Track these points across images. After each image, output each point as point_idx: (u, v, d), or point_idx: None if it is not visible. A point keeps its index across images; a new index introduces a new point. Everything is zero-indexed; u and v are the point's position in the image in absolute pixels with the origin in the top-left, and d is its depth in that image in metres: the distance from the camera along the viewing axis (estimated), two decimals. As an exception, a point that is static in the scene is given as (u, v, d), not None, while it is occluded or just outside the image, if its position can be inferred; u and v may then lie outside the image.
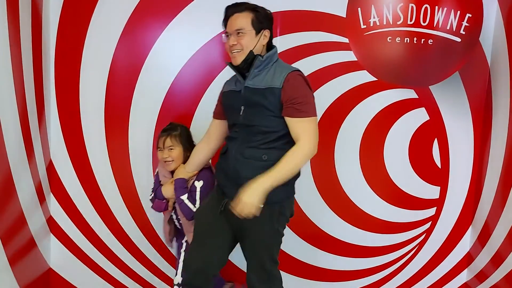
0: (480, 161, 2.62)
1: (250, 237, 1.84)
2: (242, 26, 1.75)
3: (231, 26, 1.77)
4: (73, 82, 2.40)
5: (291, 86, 1.72)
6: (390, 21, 2.46)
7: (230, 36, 1.78)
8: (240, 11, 1.77)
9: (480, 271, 2.59)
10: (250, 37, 1.76)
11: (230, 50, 1.78)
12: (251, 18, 1.76)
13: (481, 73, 2.56)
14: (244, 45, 1.75)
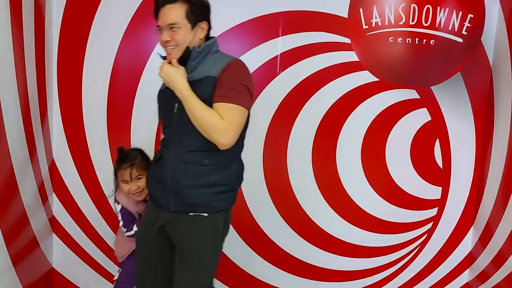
0: (482, 162, 2.62)
1: (184, 253, 1.63)
2: (176, 20, 1.55)
3: (164, 20, 1.57)
4: (76, 82, 2.40)
5: (227, 74, 1.54)
6: (392, 21, 2.47)
7: (163, 30, 1.58)
8: (172, 2, 1.56)
9: (481, 271, 2.59)
10: (185, 31, 1.57)
11: (164, 46, 1.61)
12: (185, 10, 1.56)
13: (483, 73, 2.56)
14: (179, 41, 1.57)
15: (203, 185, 1.58)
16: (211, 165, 1.57)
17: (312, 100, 2.49)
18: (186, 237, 1.63)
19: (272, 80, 2.46)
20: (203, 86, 1.55)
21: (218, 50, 1.69)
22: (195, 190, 1.58)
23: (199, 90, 1.54)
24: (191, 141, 1.57)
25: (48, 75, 2.34)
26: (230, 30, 2.41)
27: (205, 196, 1.59)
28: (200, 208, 1.60)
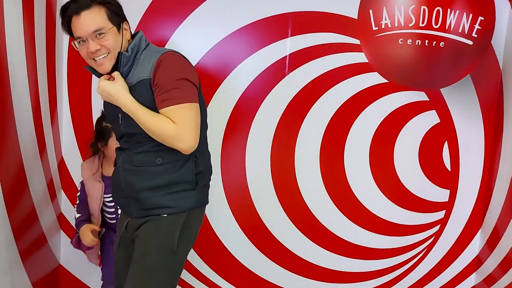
0: (490, 165, 2.61)
1: (134, 254, 1.53)
2: (100, 25, 1.41)
3: (85, 29, 1.40)
4: (86, 81, 2.41)
5: (161, 73, 1.43)
6: (401, 23, 2.46)
7: (87, 40, 1.43)
8: (88, 7, 1.40)
9: (488, 275, 2.58)
10: (113, 35, 1.45)
11: (92, 57, 1.45)
12: (106, 13, 1.43)
13: (493, 76, 2.54)
14: (111, 47, 1.45)
15: (158, 186, 1.49)
16: (165, 164, 1.49)
17: (320, 101, 2.49)
18: (138, 236, 1.53)
19: (280, 80, 2.46)
20: (139, 92, 1.45)
21: (148, 45, 1.56)
22: (150, 192, 1.50)
23: (137, 96, 1.44)
24: (140, 141, 1.49)
25: (58, 73, 2.36)
26: (239, 30, 2.42)
27: (162, 198, 1.50)
28: (159, 210, 1.51)
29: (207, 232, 2.56)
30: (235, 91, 2.46)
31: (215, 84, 2.46)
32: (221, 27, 2.41)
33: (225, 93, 2.46)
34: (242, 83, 2.46)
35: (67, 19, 1.44)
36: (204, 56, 2.43)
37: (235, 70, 2.43)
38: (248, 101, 2.47)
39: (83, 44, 1.44)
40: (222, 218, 2.57)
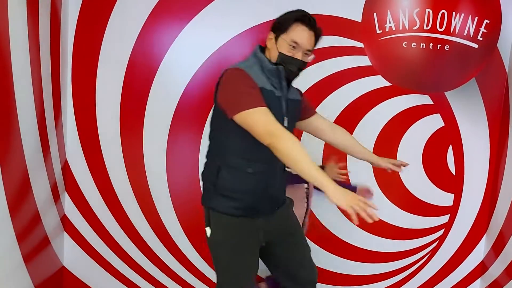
0: (496, 169, 2.58)
1: (297, 232, 1.91)
2: (312, 48, 1.67)
3: (305, 42, 1.62)
4: (90, 83, 2.43)
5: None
6: (406, 26, 2.45)
7: (298, 48, 1.61)
8: (316, 31, 1.66)
9: (494, 280, 2.55)
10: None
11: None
12: (316, 41, 1.70)
13: (499, 79, 2.53)
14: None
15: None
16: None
17: (323, 105, 2.49)
18: (292, 218, 1.88)
19: (284, 83, 2.45)
20: (299, 109, 1.81)
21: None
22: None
23: (297, 113, 1.81)
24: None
25: (62, 75, 2.37)
26: (243, 33, 2.42)
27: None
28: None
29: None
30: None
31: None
32: (225, 30, 2.41)
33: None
34: (246, 86, 2.45)
35: (296, 20, 1.62)
36: (208, 58, 2.43)
37: (239, 73, 2.43)
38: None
39: (296, 48, 1.62)
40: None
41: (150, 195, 2.53)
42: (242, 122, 1.51)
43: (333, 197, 1.36)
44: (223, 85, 1.59)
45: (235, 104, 1.52)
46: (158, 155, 2.50)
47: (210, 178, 1.68)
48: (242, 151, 1.62)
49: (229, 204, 1.64)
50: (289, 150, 1.41)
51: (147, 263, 2.60)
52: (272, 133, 1.44)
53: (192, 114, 2.48)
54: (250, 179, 1.63)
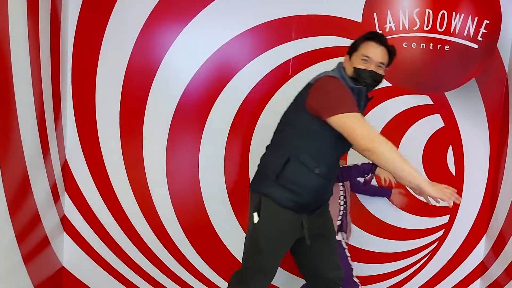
0: (495, 169, 2.58)
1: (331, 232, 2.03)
2: (385, 61, 1.79)
3: (378, 56, 1.76)
4: (90, 83, 2.42)
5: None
6: (406, 26, 2.45)
7: (370, 62, 1.75)
8: (388, 47, 1.80)
9: (494, 281, 2.55)
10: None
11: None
12: (389, 57, 1.83)
13: (499, 80, 2.53)
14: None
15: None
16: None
17: (324, 105, 2.48)
18: (327, 218, 1.98)
19: (284, 83, 2.45)
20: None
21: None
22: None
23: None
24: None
25: (62, 75, 2.36)
26: (243, 33, 2.42)
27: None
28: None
29: (208, 231, 2.56)
30: (239, 94, 2.46)
31: (219, 87, 2.46)
32: (225, 30, 2.41)
33: (229, 95, 2.46)
34: (246, 86, 2.46)
35: (366, 39, 1.79)
36: (208, 59, 2.43)
37: (239, 73, 2.43)
38: (252, 104, 2.47)
39: (368, 61, 1.75)
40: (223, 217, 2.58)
41: (150, 196, 2.53)
42: (339, 124, 1.62)
43: (430, 190, 1.56)
44: (320, 88, 1.69)
45: (334, 107, 1.62)
46: (158, 155, 2.50)
47: (274, 167, 1.75)
48: (315, 152, 1.73)
49: (287, 196, 1.73)
50: (391, 153, 1.59)
51: (147, 264, 2.59)
52: (373, 138, 1.60)
53: (192, 115, 2.47)
54: (314, 179, 1.74)
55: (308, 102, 1.71)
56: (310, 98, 1.70)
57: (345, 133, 1.63)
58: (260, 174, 1.84)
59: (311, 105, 1.69)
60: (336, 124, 1.63)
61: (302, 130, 1.74)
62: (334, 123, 1.63)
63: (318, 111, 1.67)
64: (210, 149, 2.51)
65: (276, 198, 1.75)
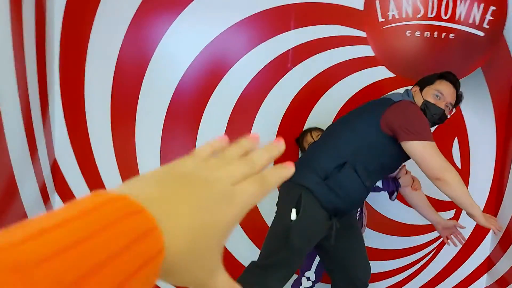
0: (502, 162, 2.51)
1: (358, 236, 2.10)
2: (453, 102, 1.90)
3: (448, 95, 1.86)
4: (78, 78, 2.31)
5: None
6: (409, 14, 2.35)
7: (442, 98, 1.84)
8: (456, 88, 1.91)
9: (501, 277, 2.49)
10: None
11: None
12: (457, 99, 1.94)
13: (505, 69, 2.44)
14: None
15: None
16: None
17: (325, 97, 2.39)
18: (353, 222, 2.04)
19: (283, 75, 2.35)
20: None
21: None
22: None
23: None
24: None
25: (49, 71, 2.24)
26: (240, 23, 2.30)
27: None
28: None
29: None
30: (236, 86, 2.36)
31: (216, 79, 2.35)
32: (220, 20, 2.30)
33: (226, 88, 2.35)
34: (244, 77, 2.35)
35: (440, 76, 1.89)
36: (204, 49, 2.32)
37: (237, 65, 2.33)
38: (250, 96, 2.37)
39: (440, 97, 1.84)
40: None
41: (144, 195, 2.43)
42: (417, 149, 1.68)
43: (482, 221, 1.74)
44: (403, 110, 1.73)
45: (417, 132, 1.67)
46: (152, 153, 2.40)
47: (326, 167, 1.75)
48: (371, 166, 1.77)
49: (331, 199, 1.74)
50: (460, 185, 1.72)
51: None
52: (446, 169, 1.70)
53: (187, 110, 2.37)
54: (361, 190, 1.78)
55: (385, 119, 1.73)
56: (390, 116, 1.73)
57: (420, 160, 1.70)
58: (305, 167, 1.78)
59: (389, 123, 1.72)
60: (414, 149, 1.68)
61: (366, 142, 1.76)
62: (412, 148, 1.68)
63: (396, 131, 1.70)
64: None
65: (320, 197, 1.73)
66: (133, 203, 0.28)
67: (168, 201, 0.31)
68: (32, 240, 0.22)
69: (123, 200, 0.27)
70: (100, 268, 0.23)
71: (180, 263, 0.30)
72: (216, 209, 0.33)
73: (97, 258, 0.23)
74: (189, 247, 0.30)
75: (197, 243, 0.31)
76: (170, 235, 0.29)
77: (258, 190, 0.36)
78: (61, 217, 0.24)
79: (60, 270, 0.22)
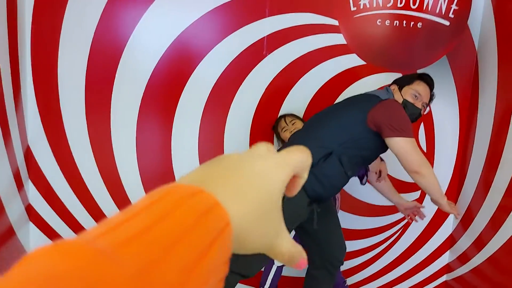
0: (465, 146, 2.65)
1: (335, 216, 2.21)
2: (427, 102, 2.04)
3: (425, 96, 2.00)
4: (51, 65, 2.26)
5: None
6: (380, 3, 2.42)
7: (419, 98, 1.98)
8: (432, 89, 2.07)
9: (462, 253, 2.64)
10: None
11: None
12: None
13: (469, 57, 2.56)
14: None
15: None
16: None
17: (299, 83, 2.44)
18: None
19: (259, 62, 2.38)
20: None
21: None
22: None
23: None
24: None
25: (21, 55, 2.19)
26: (215, 9, 2.31)
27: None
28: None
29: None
30: (212, 74, 2.38)
31: (191, 67, 2.36)
32: (195, 6, 2.30)
33: (202, 75, 2.37)
34: (220, 65, 2.37)
35: (419, 77, 2.02)
36: (178, 37, 2.32)
37: (211, 52, 2.34)
38: (226, 83, 2.39)
39: (418, 98, 1.97)
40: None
41: (120, 181, 2.43)
42: (400, 145, 1.78)
43: (447, 209, 1.93)
44: (389, 108, 1.84)
45: (401, 129, 1.78)
46: (127, 139, 2.39)
47: (313, 156, 1.73)
48: (355, 158, 1.86)
49: (314, 187, 1.82)
50: (433, 178, 1.85)
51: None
52: (423, 164, 1.81)
53: (162, 97, 2.38)
54: (343, 179, 1.89)
55: (372, 115, 1.83)
56: (376, 113, 1.83)
57: (401, 155, 1.80)
58: None
59: (375, 119, 1.82)
60: (397, 145, 1.79)
61: (352, 135, 1.84)
62: (396, 144, 1.79)
63: (381, 128, 1.80)
64: (183, 133, 2.42)
65: (305, 184, 1.76)
66: (190, 187, 0.30)
67: (222, 176, 0.33)
68: (111, 231, 0.25)
69: (182, 187, 0.29)
70: (176, 244, 0.25)
71: (248, 230, 0.32)
72: (272, 172, 0.35)
73: (172, 236, 0.25)
74: (254, 213, 0.32)
75: (261, 208, 0.33)
76: (234, 208, 0.30)
77: (305, 156, 0.39)
78: (131, 212, 0.27)
79: (141, 249, 0.24)
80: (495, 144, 2.35)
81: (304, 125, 2.05)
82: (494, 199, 2.34)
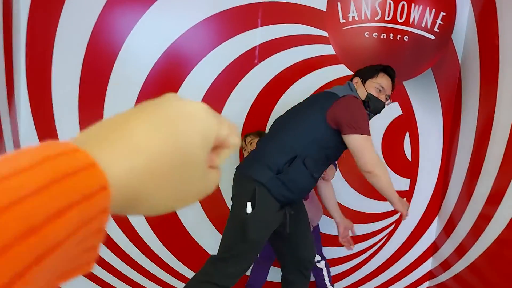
0: (448, 155, 2.73)
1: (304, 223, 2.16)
2: (389, 94, 2.03)
3: (387, 88, 2.00)
4: (45, 68, 2.29)
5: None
6: (368, 16, 2.50)
7: (383, 92, 1.99)
8: (393, 80, 2.05)
9: (444, 260, 2.72)
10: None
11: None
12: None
13: (452, 70, 2.65)
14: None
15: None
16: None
17: (289, 92, 2.50)
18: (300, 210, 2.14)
19: (250, 70, 2.44)
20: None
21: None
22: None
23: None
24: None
25: (15, 57, 2.22)
26: (209, 18, 2.37)
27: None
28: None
29: (174, 222, 2.54)
30: (204, 81, 2.43)
31: (184, 74, 2.41)
32: (189, 15, 2.36)
33: (194, 83, 2.42)
34: (212, 73, 2.43)
35: (382, 70, 2.01)
36: (172, 44, 2.37)
37: (204, 60, 2.39)
38: (217, 91, 2.45)
39: (382, 91, 1.98)
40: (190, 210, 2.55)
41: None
42: (357, 142, 1.79)
43: (399, 207, 1.93)
44: (347, 106, 1.84)
45: (358, 127, 1.79)
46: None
47: (277, 162, 1.83)
48: (319, 159, 1.87)
49: (283, 192, 1.83)
50: (387, 178, 1.85)
51: (113, 257, 2.53)
52: (377, 163, 1.83)
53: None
54: (310, 181, 1.89)
55: (331, 113, 1.83)
56: (335, 110, 1.83)
57: (356, 152, 1.81)
58: (258, 162, 1.87)
59: (334, 117, 1.83)
60: (354, 142, 1.80)
61: (314, 136, 1.85)
62: (352, 140, 1.80)
63: (340, 125, 1.81)
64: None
65: (273, 192, 1.82)
66: (64, 145, 0.26)
67: (117, 129, 0.29)
68: None
69: (55, 145, 0.26)
70: (15, 205, 0.22)
71: (147, 191, 0.28)
72: (201, 113, 0.32)
73: (9, 195, 0.22)
74: (155, 171, 0.28)
75: (168, 162, 0.29)
76: (120, 168, 0.27)
77: (217, 120, 0.35)
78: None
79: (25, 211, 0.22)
80: (477, 154, 2.44)
81: (269, 130, 2.05)
82: (475, 207, 2.42)
